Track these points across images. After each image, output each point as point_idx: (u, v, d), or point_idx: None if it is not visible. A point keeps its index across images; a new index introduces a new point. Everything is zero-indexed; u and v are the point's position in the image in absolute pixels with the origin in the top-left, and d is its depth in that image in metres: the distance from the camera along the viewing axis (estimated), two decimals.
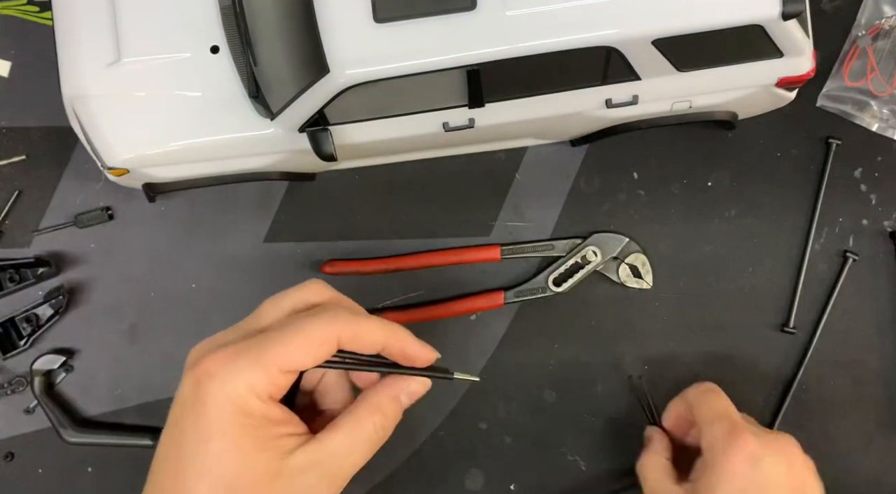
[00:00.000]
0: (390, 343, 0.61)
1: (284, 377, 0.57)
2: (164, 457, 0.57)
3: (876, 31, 0.99)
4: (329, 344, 0.58)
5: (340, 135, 0.87)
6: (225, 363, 0.55)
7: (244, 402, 0.54)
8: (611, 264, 0.99)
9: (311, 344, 0.57)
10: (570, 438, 0.99)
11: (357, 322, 0.59)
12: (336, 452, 0.59)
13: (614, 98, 0.87)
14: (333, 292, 0.64)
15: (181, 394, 0.56)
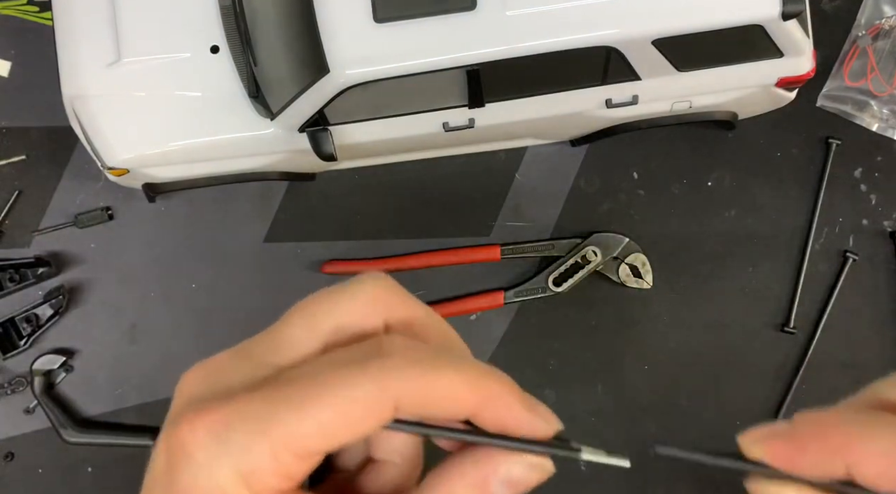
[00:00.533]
0: (483, 409, 0.37)
1: (301, 463, 0.34)
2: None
3: (876, 31, 0.99)
4: (376, 415, 0.34)
5: (340, 135, 0.87)
6: (209, 437, 0.33)
7: (225, 491, 0.34)
8: (611, 264, 0.99)
9: (345, 414, 0.33)
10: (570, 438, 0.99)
11: (428, 378, 0.34)
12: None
13: (614, 98, 0.87)
14: (404, 306, 0.40)
15: (152, 467, 0.36)
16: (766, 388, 0.99)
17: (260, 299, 0.99)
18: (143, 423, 0.99)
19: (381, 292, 0.39)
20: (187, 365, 0.43)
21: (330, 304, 0.39)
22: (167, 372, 0.98)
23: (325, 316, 0.39)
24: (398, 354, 0.34)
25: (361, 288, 0.38)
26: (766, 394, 0.99)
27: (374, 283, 0.39)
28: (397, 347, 0.35)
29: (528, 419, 0.39)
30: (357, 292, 0.39)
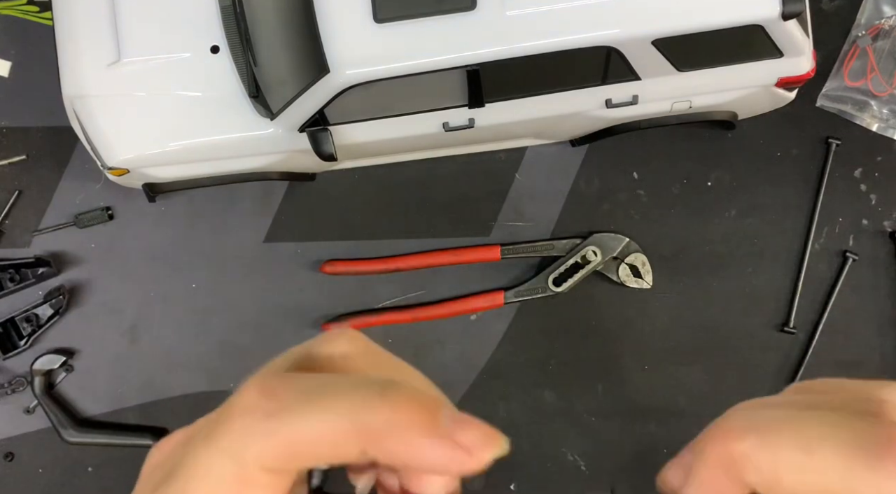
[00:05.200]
0: (376, 451, 0.28)
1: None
2: None
3: (876, 31, 0.99)
4: (250, 486, 0.29)
5: (340, 135, 0.87)
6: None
7: None
8: (611, 264, 0.99)
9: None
10: (571, 438, 0.99)
11: (283, 432, 0.28)
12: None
13: (614, 98, 0.87)
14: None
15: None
16: (766, 388, 0.99)
17: (260, 299, 0.99)
18: (143, 423, 0.99)
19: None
20: (187, 366, 0.42)
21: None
22: (167, 372, 0.98)
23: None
24: (246, 411, 0.28)
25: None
26: (766, 394, 0.99)
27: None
28: (248, 402, 0.29)
29: (437, 452, 0.29)
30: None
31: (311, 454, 0.28)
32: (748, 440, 0.30)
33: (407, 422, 0.28)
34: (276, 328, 0.98)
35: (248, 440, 0.28)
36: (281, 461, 0.28)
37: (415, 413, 0.28)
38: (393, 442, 0.27)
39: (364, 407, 0.28)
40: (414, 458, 0.28)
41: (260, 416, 0.28)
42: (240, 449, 0.28)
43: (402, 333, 0.99)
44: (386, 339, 1.00)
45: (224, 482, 0.28)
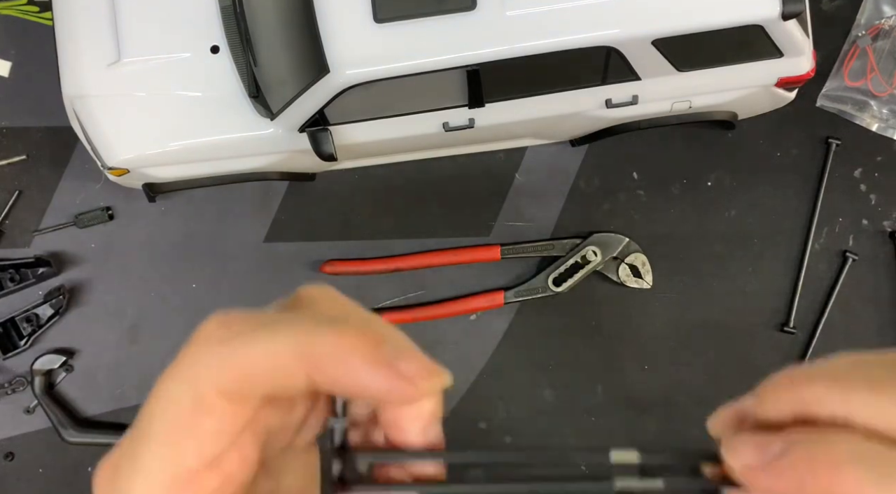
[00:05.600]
0: (319, 377, 0.29)
1: (183, 490, 0.31)
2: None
3: (876, 32, 0.99)
4: (209, 417, 0.30)
5: (340, 135, 0.87)
6: (105, 479, 0.32)
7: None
8: (611, 264, 0.99)
9: (178, 423, 0.30)
10: (570, 437, 0.99)
11: (236, 357, 0.30)
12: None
13: (614, 98, 0.87)
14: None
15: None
16: None
17: (260, 299, 0.98)
18: None
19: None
20: None
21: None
22: None
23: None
24: (203, 339, 0.30)
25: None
26: None
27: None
28: (206, 331, 0.31)
29: (378, 379, 0.29)
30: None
31: (260, 378, 0.29)
32: (819, 382, 0.30)
33: (349, 350, 0.28)
34: None
35: (203, 365, 0.29)
36: (233, 386, 0.29)
37: (358, 342, 0.29)
38: (334, 368, 0.28)
39: (310, 335, 0.29)
40: (354, 384, 0.29)
41: (214, 344, 0.30)
42: (195, 375, 0.29)
43: None
44: None
45: (181, 407, 0.30)
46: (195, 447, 0.30)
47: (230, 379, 0.29)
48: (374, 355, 0.29)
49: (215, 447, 0.30)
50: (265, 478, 0.36)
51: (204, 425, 0.30)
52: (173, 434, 0.30)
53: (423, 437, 0.32)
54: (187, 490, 0.30)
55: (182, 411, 0.30)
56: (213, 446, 0.30)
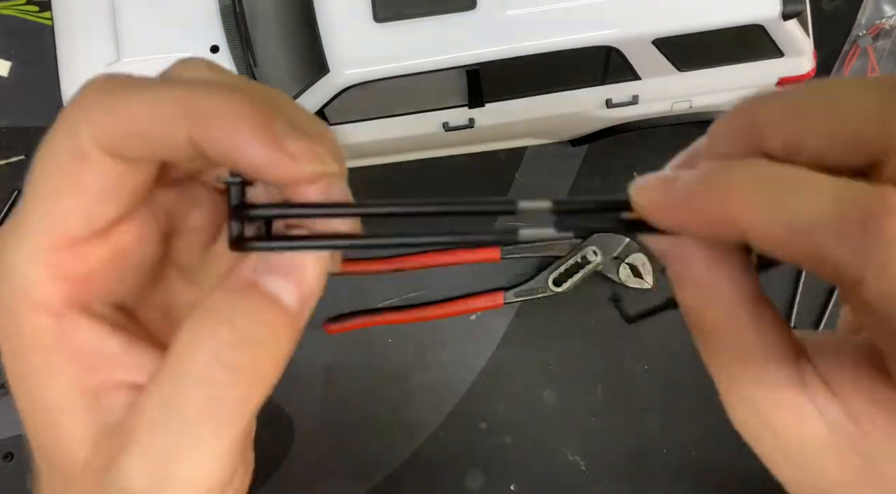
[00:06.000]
0: (200, 139, 0.27)
1: (70, 256, 0.28)
2: None
3: (876, 31, 0.99)
4: (86, 164, 0.28)
5: (340, 134, 0.87)
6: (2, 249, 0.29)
7: (20, 317, 0.28)
8: (611, 264, 0.99)
9: (60, 175, 0.28)
10: (571, 438, 0.99)
11: (121, 105, 0.27)
12: (151, 433, 0.27)
13: (614, 98, 0.87)
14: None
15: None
16: None
17: None
18: None
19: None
20: None
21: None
22: None
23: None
24: (89, 91, 0.28)
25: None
26: None
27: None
28: (94, 84, 0.29)
29: (259, 147, 0.27)
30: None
31: (140, 132, 0.27)
32: (776, 103, 0.27)
33: (238, 115, 0.26)
34: None
35: (84, 117, 0.27)
36: (114, 139, 0.27)
37: (248, 108, 0.27)
38: (217, 129, 0.26)
39: (200, 94, 0.27)
40: (233, 150, 0.27)
41: (99, 94, 0.28)
42: (76, 127, 0.27)
43: (402, 333, 0.99)
44: (386, 339, 1.00)
45: (62, 162, 0.28)
46: (78, 208, 0.28)
47: (111, 131, 0.27)
48: (262, 124, 0.27)
49: (100, 210, 0.28)
50: (185, 284, 0.34)
51: (86, 182, 0.28)
52: (54, 192, 0.28)
53: (324, 194, 0.30)
54: (72, 256, 0.28)
55: (63, 166, 0.28)
56: (97, 208, 0.28)
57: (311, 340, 0.98)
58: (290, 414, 0.97)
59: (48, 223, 0.28)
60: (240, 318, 0.27)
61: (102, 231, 0.29)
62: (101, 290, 0.30)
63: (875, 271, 0.22)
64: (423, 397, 0.99)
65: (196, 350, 0.27)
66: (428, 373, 0.99)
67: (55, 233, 0.28)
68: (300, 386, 0.98)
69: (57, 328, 0.28)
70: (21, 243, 0.28)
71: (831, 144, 0.25)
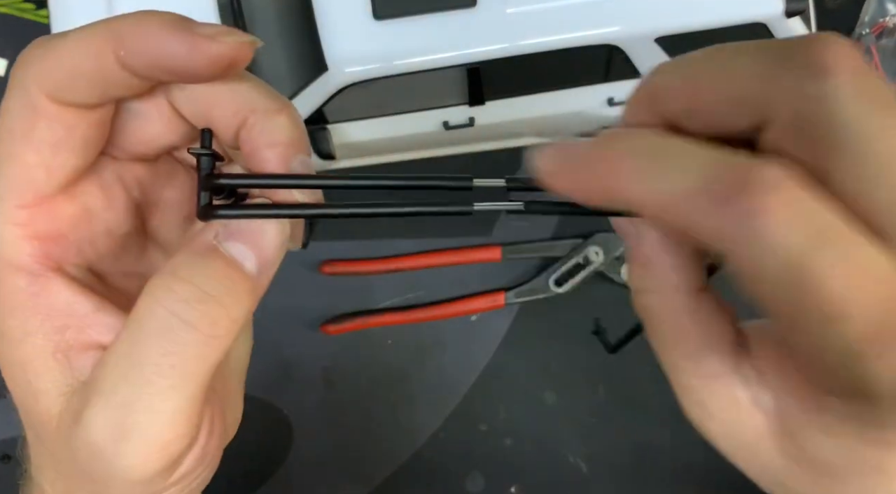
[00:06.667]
0: (125, 45, 0.29)
1: (37, 213, 0.30)
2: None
3: (880, 30, 0.99)
4: (44, 125, 0.29)
5: (339, 133, 0.86)
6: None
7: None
8: (613, 264, 0.98)
9: (16, 141, 0.29)
10: (572, 440, 0.98)
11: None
12: (113, 387, 0.28)
13: (616, 96, 0.86)
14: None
15: None
16: None
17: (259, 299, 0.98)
18: None
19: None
20: None
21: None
22: None
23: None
24: (30, 46, 0.31)
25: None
26: None
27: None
28: (35, 43, 0.31)
29: (177, 40, 0.29)
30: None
31: (74, 69, 0.29)
32: (670, 70, 0.27)
33: (153, 24, 0.29)
34: (276, 328, 0.97)
35: (25, 67, 0.30)
36: (54, 83, 0.29)
37: (158, 16, 0.30)
38: (138, 42, 0.29)
39: (118, 22, 0.30)
40: (157, 53, 0.29)
41: (37, 48, 0.30)
42: (21, 78, 0.29)
43: (402, 334, 0.99)
44: (386, 340, 0.99)
45: (15, 115, 0.29)
46: (38, 161, 0.29)
47: (51, 76, 0.29)
48: (175, 23, 0.30)
49: (59, 160, 0.30)
50: (165, 258, 0.36)
51: (40, 133, 0.29)
52: (15, 149, 0.29)
53: (285, 167, 0.31)
54: (41, 213, 0.30)
55: (18, 122, 0.29)
56: (56, 158, 0.30)
57: (311, 341, 0.97)
58: (289, 415, 0.97)
59: (13, 180, 0.29)
60: (198, 276, 0.28)
61: (68, 186, 0.30)
62: (73, 251, 0.31)
63: (734, 244, 0.23)
64: (422, 398, 0.98)
65: (154, 305, 0.28)
66: (428, 374, 0.98)
67: (21, 189, 0.29)
68: (299, 387, 0.97)
69: (31, 288, 0.30)
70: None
71: (720, 109, 0.25)
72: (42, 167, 0.29)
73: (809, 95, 0.23)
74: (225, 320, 0.29)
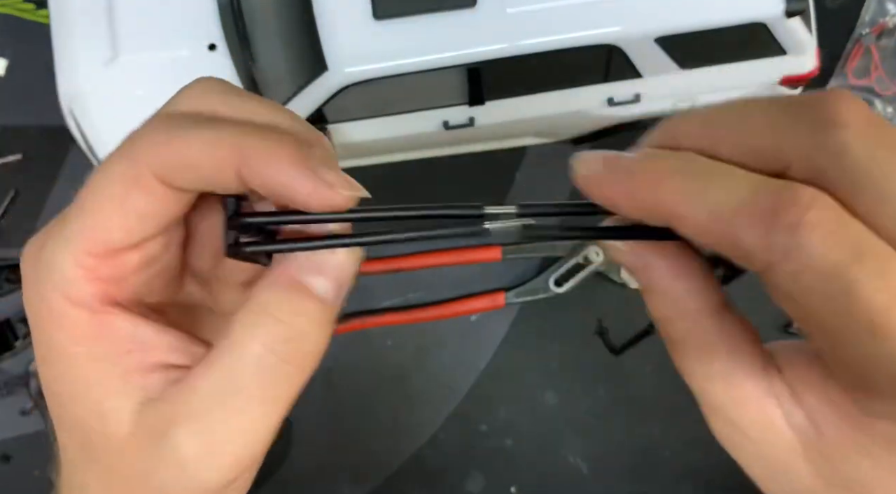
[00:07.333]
0: (247, 173, 0.30)
1: (110, 261, 0.32)
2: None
3: (880, 30, 0.99)
4: (140, 191, 0.31)
5: (339, 133, 0.86)
6: (28, 263, 0.33)
7: (58, 312, 0.32)
8: (613, 264, 0.98)
9: (111, 200, 0.31)
10: (572, 440, 0.98)
11: (176, 141, 0.30)
12: (207, 409, 0.31)
13: (616, 96, 0.86)
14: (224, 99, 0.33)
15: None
16: None
17: None
18: None
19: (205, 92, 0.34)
20: None
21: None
22: None
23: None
24: (150, 126, 0.32)
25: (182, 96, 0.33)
26: None
27: (201, 85, 0.34)
28: (154, 121, 0.32)
29: (300, 179, 0.31)
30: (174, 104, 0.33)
31: (195, 165, 0.30)
32: (693, 120, 0.29)
33: (281, 152, 0.30)
34: None
35: (143, 145, 0.31)
36: (167, 168, 0.30)
37: (289, 146, 0.30)
38: (264, 165, 0.30)
39: (247, 134, 0.31)
40: (280, 183, 0.30)
41: (159, 128, 0.31)
42: (135, 152, 0.31)
43: (402, 334, 0.99)
44: (386, 340, 0.99)
45: (116, 182, 0.31)
46: (122, 223, 0.31)
47: (167, 161, 0.30)
48: (301, 160, 0.30)
49: (142, 228, 0.32)
50: (198, 286, 0.38)
51: (136, 203, 0.31)
52: (105, 207, 0.31)
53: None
54: (107, 262, 0.32)
55: (115, 184, 0.31)
56: (139, 226, 0.31)
57: None
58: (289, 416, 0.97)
59: (91, 231, 0.31)
60: (290, 314, 0.31)
61: (140, 243, 0.32)
62: (131, 289, 0.33)
63: (782, 255, 0.24)
64: (423, 398, 0.98)
65: (251, 342, 0.30)
66: (428, 375, 0.98)
67: (95, 240, 0.31)
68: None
69: (94, 321, 0.32)
70: (63, 244, 0.31)
71: (741, 158, 0.27)
72: (124, 230, 0.31)
73: (828, 146, 0.24)
74: (314, 352, 0.32)
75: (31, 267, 0.33)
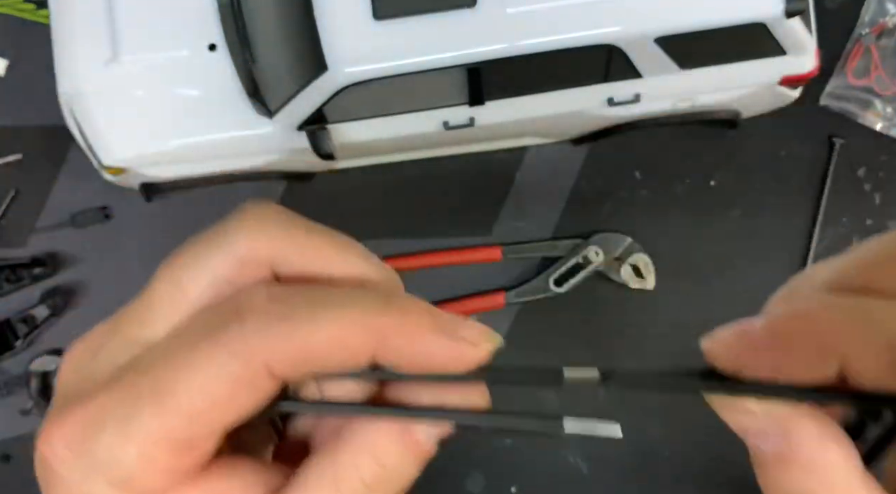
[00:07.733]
0: (386, 349, 0.29)
1: (184, 454, 0.28)
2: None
3: (880, 30, 0.99)
4: (249, 389, 0.28)
5: (339, 133, 0.86)
6: (69, 451, 0.28)
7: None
8: (613, 264, 0.98)
9: (209, 397, 0.27)
10: (572, 441, 0.98)
11: (301, 332, 0.27)
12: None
13: (616, 96, 0.86)
14: (294, 241, 0.30)
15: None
16: None
17: None
18: None
19: (265, 228, 0.31)
20: None
21: (197, 256, 0.33)
22: None
23: (193, 271, 0.32)
24: (258, 312, 0.27)
25: (240, 221, 0.31)
26: None
27: (254, 213, 0.31)
28: (258, 304, 0.28)
29: (445, 346, 0.29)
30: (237, 224, 0.31)
31: (324, 358, 0.28)
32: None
33: (415, 323, 0.29)
34: None
35: (261, 341, 0.27)
36: (292, 365, 0.28)
37: (422, 315, 0.29)
38: (403, 341, 0.28)
39: (374, 312, 0.28)
40: (423, 353, 0.29)
41: (274, 319, 0.27)
42: (249, 350, 0.27)
43: None
44: None
45: (224, 379, 0.27)
46: (218, 418, 0.27)
47: (291, 357, 0.27)
48: (437, 326, 0.29)
49: (234, 418, 0.28)
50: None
51: (241, 402, 0.28)
52: (198, 405, 0.27)
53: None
54: (187, 455, 0.28)
55: (223, 387, 0.27)
56: (233, 418, 0.28)
57: None
58: None
59: (179, 428, 0.27)
60: (395, 461, 0.30)
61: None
62: (196, 470, 0.30)
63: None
64: None
65: (357, 484, 0.29)
66: None
67: (176, 441, 0.27)
68: None
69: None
70: (135, 442, 0.27)
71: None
72: (217, 423, 0.28)
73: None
74: (406, 485, 0.31)
75: (74, 454, 0.28)
